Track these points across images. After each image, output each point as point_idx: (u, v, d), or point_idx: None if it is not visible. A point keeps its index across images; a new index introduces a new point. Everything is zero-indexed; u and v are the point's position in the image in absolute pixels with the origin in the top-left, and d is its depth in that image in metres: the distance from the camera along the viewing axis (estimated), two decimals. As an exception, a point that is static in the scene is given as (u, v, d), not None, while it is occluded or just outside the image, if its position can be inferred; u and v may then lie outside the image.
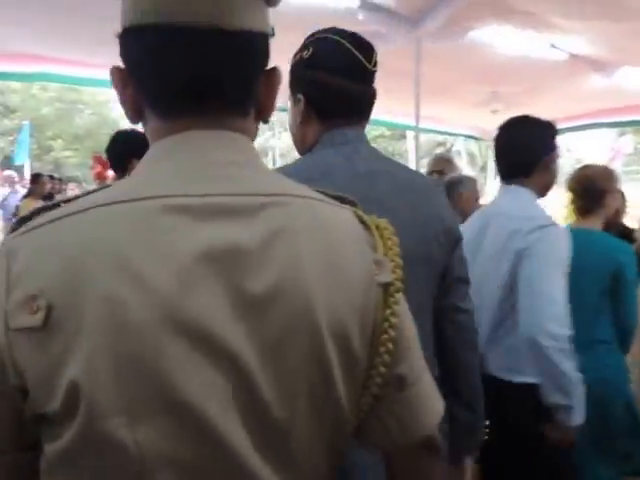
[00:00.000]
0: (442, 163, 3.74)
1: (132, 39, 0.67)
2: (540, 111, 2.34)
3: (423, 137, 5.32)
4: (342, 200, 0.77)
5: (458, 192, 3.03)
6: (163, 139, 0.69)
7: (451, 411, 1.27)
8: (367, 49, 1.27)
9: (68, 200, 0.68)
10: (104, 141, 3.05)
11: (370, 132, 34.08)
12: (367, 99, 1.30)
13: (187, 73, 0.66)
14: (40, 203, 5.78)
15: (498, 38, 5.05)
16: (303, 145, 1.33)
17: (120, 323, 0.58)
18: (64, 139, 23.68)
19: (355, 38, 1.27)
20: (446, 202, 1.35)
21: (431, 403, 0.78)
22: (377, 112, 1.36)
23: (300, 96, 1.29)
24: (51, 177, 8.72)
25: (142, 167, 0.70)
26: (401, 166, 1.35)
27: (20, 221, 0.66)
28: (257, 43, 0.70)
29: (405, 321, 0.76)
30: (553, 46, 5.21)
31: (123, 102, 0.72)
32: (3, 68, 6.48)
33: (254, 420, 0.63)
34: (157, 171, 0.67)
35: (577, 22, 4.58)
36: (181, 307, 0.59)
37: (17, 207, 6.96)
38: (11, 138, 15.84)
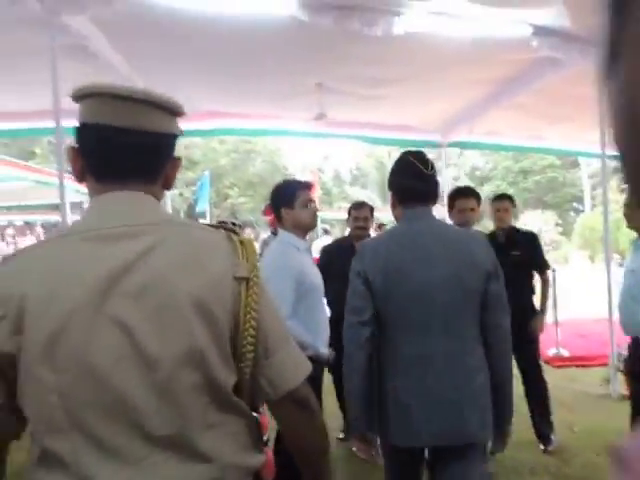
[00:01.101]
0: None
1: (82, 131, 1.07)
2: None
3: (597, 163, 4.93)
4: (221, 227, 1.17)
5: None
6: (97, 196, 1.08)
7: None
8: (425, 162, 2.10)
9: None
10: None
11: (538, 162, 32.54)
12: (429, 191, 2.10)
13: (113, 156, 1.07)
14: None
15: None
16: (396, 220, 2.19)
17: (52, 312, 0.95)
18: (239, 186, 25.51)
19: (419, 155, 2.13)
20: (483, 249, 2.03)
21: (292, 367, 1.11)
22: (549, 141, 1.31)
23: (390, 192, 2.18)
24: (233, 224, 9.33)
25: (84, 213, 1.11)
26: (450, 228, 2.25)
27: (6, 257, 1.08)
28: (163, 140, 1.10)
29: (265, 305, 1.08)
30: None
31: (73, 169, 1.11)
32: (188, 126, 7.14)
33: (144, 369, 0.96)
34: (90, 215, 1.08)
35: None
36: (93, 299, 0.96)
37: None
38: (194, 188, 17.38)
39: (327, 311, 3.18)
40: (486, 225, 11.29)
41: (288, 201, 2.75)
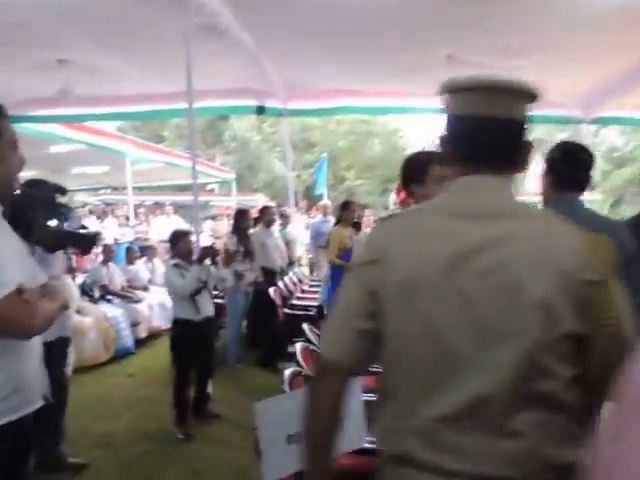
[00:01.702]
0: None
1: (453, 121, 1.21)
2: None
3: None
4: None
5: None
6: (462, 177, 1.20)
7: None
8: (590, 155, 2.37)
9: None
10: (393, 168, 3.06)
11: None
12: (585, 182, 2.35)
13: (482, 144, 1.17)
14: (349, 230, 5.95)
15: None
16: (544, 202, 2.44)
17: (411, 268, 1.14)
18: (356, 169, 25.41)
19: (584, 148, 2.40)
20: (627, 234, 2.22)
21: None
22: None
23: (546, 176, 2.42)
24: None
25: (450, 190, 1.22)
26: (596, 214, 2.40)
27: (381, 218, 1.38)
28: (520, 126, 1.19)
29: (620, 309, 1.11)
30: None
31: (443, 148, 1.26)
32: (307, 105, 7.08)
33: (480, 338, 1.08)
34: (455, 194, 1.21)
35: None
36: (445, 267, 1.11)
37: (329, 234, 6.27)
38: (312, 170, 17.53)
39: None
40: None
41: (419, 176, 2.43)
